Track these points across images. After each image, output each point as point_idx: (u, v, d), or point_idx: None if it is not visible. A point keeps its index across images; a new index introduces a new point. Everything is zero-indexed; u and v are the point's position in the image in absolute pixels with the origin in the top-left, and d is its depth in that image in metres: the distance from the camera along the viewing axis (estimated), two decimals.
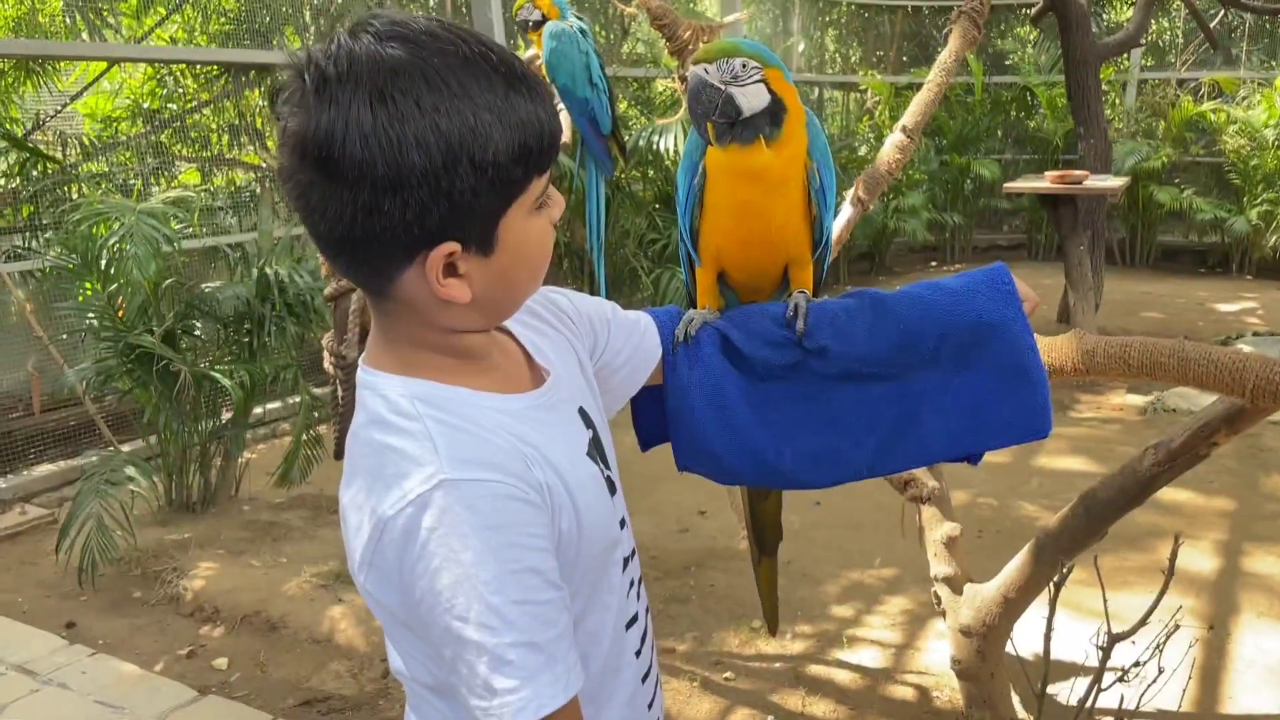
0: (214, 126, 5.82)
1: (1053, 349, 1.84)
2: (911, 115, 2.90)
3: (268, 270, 4.18)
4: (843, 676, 2.93)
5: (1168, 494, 4.18)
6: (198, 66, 5.53)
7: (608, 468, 0.97)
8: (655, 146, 6.56)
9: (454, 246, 0.78)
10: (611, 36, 7.70)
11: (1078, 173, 6.26)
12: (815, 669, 2.97)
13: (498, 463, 0.78)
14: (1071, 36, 6.76)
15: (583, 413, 0.97)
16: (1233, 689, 2.87)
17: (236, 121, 5.82)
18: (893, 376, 1.21)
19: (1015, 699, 2.68)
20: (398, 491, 0.76)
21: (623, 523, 0.98)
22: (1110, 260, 8.85)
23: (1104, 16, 10.41)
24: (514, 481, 0.78)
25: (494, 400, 0.86)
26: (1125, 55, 9.17)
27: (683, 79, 2.84)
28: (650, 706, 1.02)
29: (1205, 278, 9.19)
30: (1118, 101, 10.12)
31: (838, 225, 2.87)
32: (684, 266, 1.39)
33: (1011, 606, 2.56)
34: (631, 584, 1.00)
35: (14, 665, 2.96)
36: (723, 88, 1.17)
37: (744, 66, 1.17)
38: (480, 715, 0.75)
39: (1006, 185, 6.83)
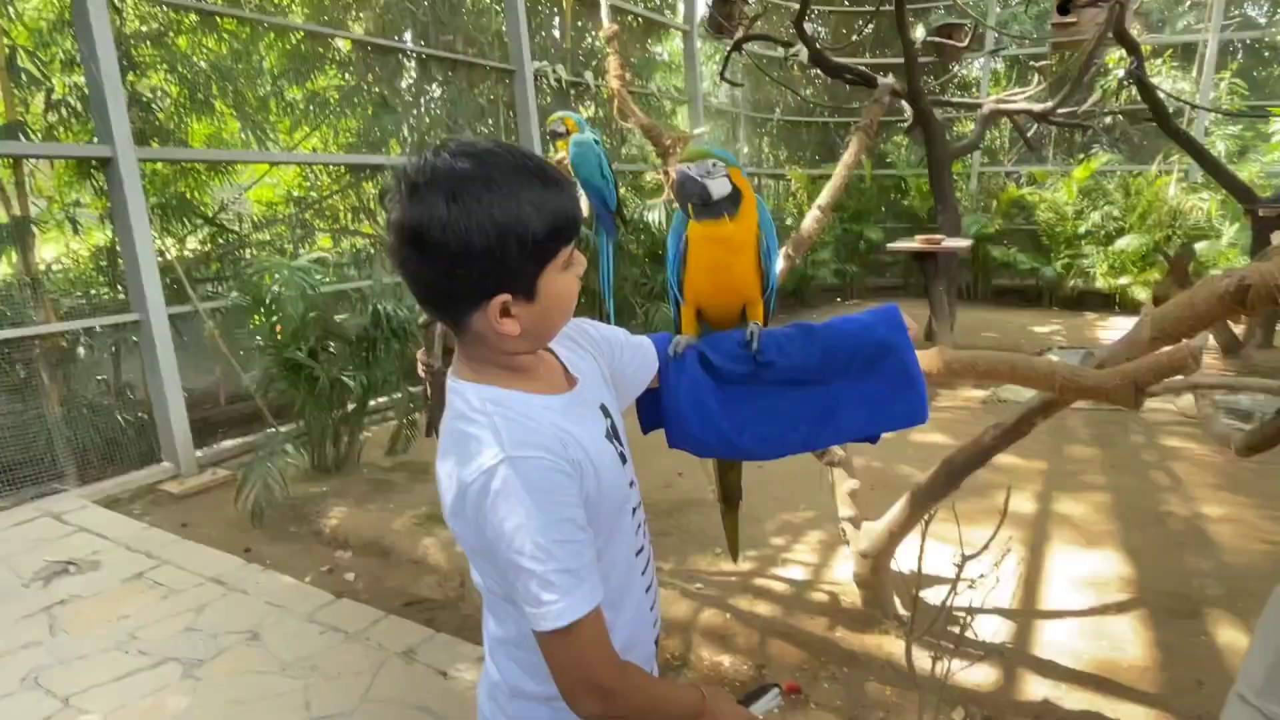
0: (341, 207, 5.86)
1: (924, 359, 1.85)
2: (824, 197, 2.94)
3: (379, 306, 4.20)
4: (778, 586, 2.95)
5: (1002, 459, 4.17)
6: (330, 166, 5.56)
7: (621, 445, 0.99)
8: (644, 219, 6.59)
9: (507, 297, 0.81)
10: (614, 143, 7.71)
11: (937, 236, 6.30)
12: (759, 581, 2.98)
13: (543, 444, 0.81)
14: (933, 143, 6.79)
15: (603, 408, 0.98)
16: (1046, 593, 2.89)
17: (356, 204, 5.85)
18: (818, 382, 1.23)
19: (896, 600, 2.70)
20: (474, 465, 0.79)
21: (631, 483, 1.00)
22: (961, 297, 8.87)
23: (954, 129, 10.47)
24: (554, 458, 0.80)
25: (541, 399, 0.88)
26: (969, 156, 9.23)
27: (666, 173, 2.86)
28: (651, 609, 1.04)
29: (1025, 309, 9.22)
30: (964, 187, 10.17)
31: (778, 270, 2.90)
32: (672, 305, 1.40)
33: (894, 538, 2.58)
34: (638, 526, 1.01)
35: (209, 578, 2.97)
36: (700, 180, 1.20)
37: (714, 165, 1.21)
38: (532, 619, 0.79)
39: (889, 245, 6.87)
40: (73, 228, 4.25)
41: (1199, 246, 7.75)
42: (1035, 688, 2.33)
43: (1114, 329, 7.78)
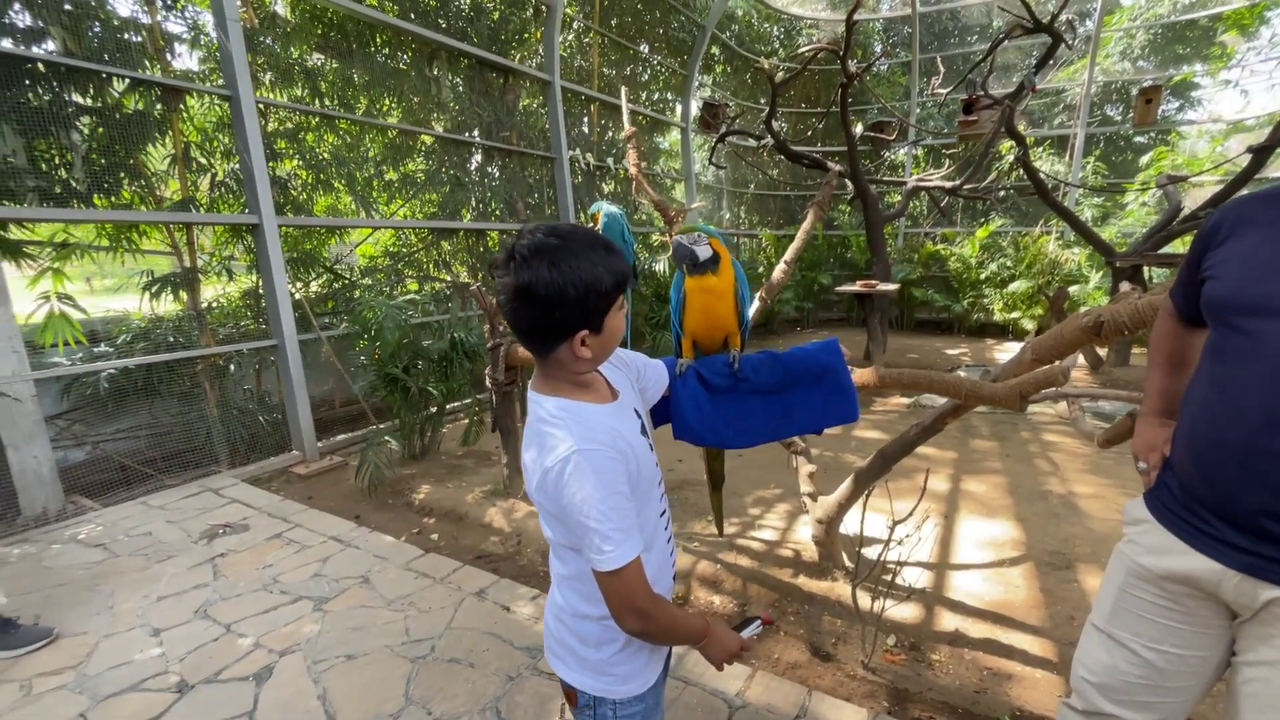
0: (425, 260, 5.95)
1: (863, 375, 1.93)
2: (789, 254, 3.01)
3: (454, 334, 4.27)
4: (755, 545, 2.98)
5: (923, 449, 4.20)
6: (417, 230, 5.66)
7: (649, 438, 1.06)
8: (652, 268, 6.67)
9: (586, 332, 0.89)
10: (629, 212, 7.80)
11: (873, 281, 6.35)
12: (741, 541, 3.02)
13: (602, 440, 0.89)
14: (869, 211, 6.87)
15: (635, 412, 1.04)
16: (958, 551, 2.92)
17: (436, 258, 5.94)
18: (780, 392, 1.32)
19: (844, 555, 2.74)
20: (555, 454, 0.87)
21: (657, 464, 1.07)
22: (891, 327, 8.90)
23: (885, 200, 10.56)
24: (610, 449, 0.88)
25: (597, 408, 0.95)
26: (897, 220, 9.30)
27: (670, 236, 2.94)
28: (670, 555, 1.10)
29: (939, 336, 9.22)
30: (893, 243, 10.22)
31: (752, 310, 2.97)
32: (674, 337, 1.48)
33: (841, 508, 2.62)
34: (662, 495, 1.08)
35: (330, 537, 3.01)
36: (690, 247, 1.30)
37: (698, 236, 1.32)
38: (595, 562, 0.88)
39: (837, 288, 6.94)
40: (228, 275, 4.35)
41: (1073, 289, 7.78)
42: (949, 621, 2.37)
43: (1007, 351, 7.80)
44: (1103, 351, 6.35)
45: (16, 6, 3.49)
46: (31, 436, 3.49)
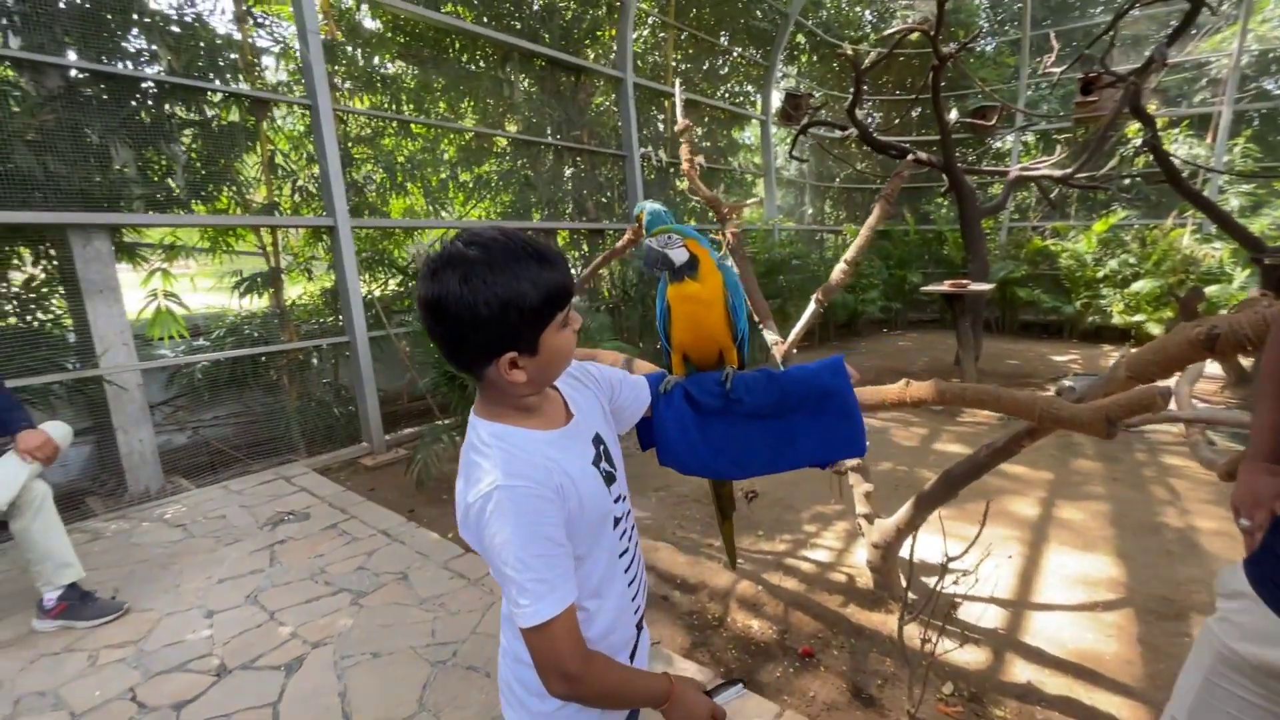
0: None
1: (919, 390, 1.72)
2: (851, 252, 2.77)
3: None
4: (805, 566, 2.78)
5: (1013, 469, 3.83)
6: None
7: (612, 467, 0.94)
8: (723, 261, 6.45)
9: (513, 354, 0.78)
10: (690, 208, 7.61)
11: (964, 281, 5.84)
12: (789, 560, 2.83)
13: (530, 475, 0.79)
14: (964, 203, 6.32)
15: (597, 437, 0.93)
16: (1040, 587, 2.59)
17: None
18: (778, 416, 1.15)
19: (904, 585, 2.49)
20: (476, 488, 0.79)
21: (619, 499, 0.94)
22: (987, 329, 8.20)
23: (987, 192, 9.74)
24: (536, 486, 0.78)
25: (538, 435, 0.84)
26: (1000, 213, 8.55)
27: (723, 234, 2.78)
28: (634, 599, 0.97)
29: (1046, 341, 8.39)
30: (996, 239, 9.41)
31: (805, 315, 2.76)
32: (664, 353, 1.33)
33: (901, 533, 2.40)
34: (624, 533, 0.95)
35: (380, 530, 3.10)
36: (660, 250, 1.16)
37: (669, 238, 1.17)
38: (514, 616, 0.78)
39: (922, 288, 6.42)
40: (308, 275, 4.62)
41: (1212, 289, 6.81)
42: (1021, 671, 2.08)
43: None
44: (1248, 362, 5.49)
45: (135, 31, 3.85)
46: (137, 422, 3.85)
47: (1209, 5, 4.91)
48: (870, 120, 10.25)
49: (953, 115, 7.09)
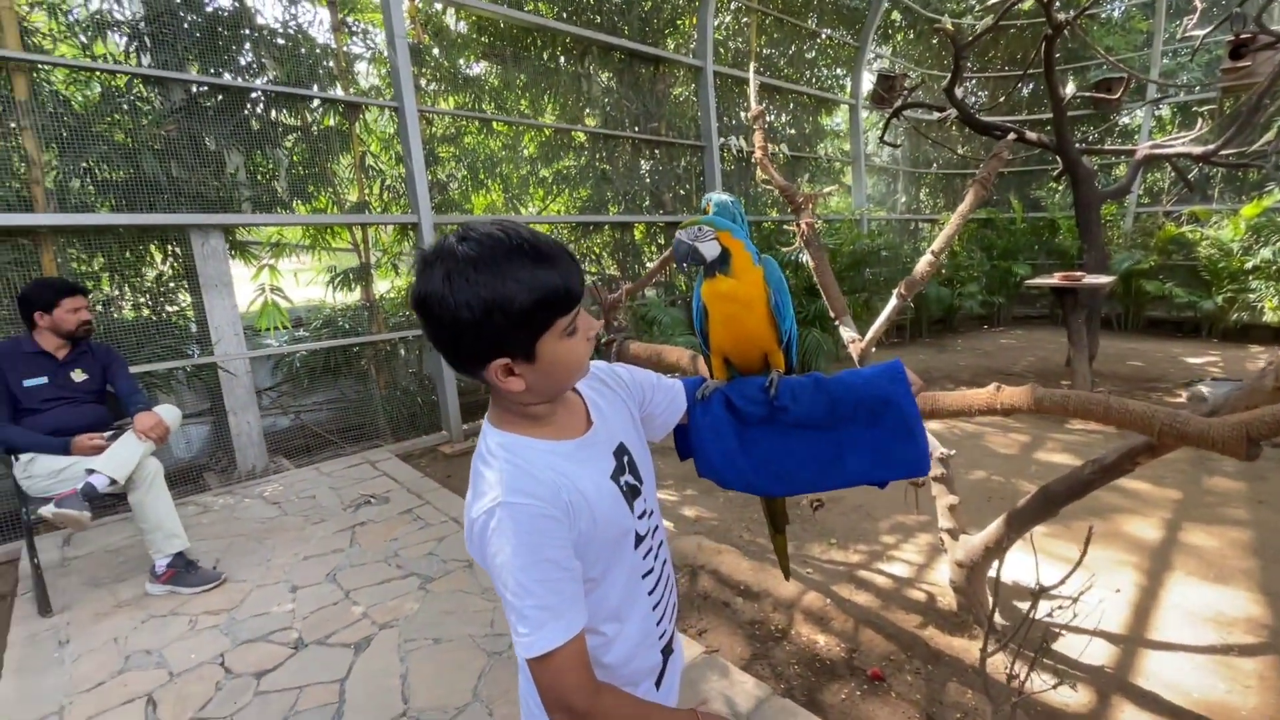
0: (575, 254, 6.10)
1: (1014, 395, 1.55)
2: (938, 243, 2.54)
3: None
4: (881, 580, 2.59)
5: (1133, 484, 3.43)
6: (567, 224, 5.83)
7: (636, 479, 0.86)
8: (797, 259, 6.21)
9: (506, 360, 0.72)
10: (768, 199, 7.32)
11: (1078, 273, 5.28)
12: (863, 573, 2.65)
13: (536, 491, 0.73)
14: (1080, 187, 5.72)
15: (620, 448, 0.86)
16: (1159, 623, 2.27)
17: (585, 252, 6.08)
18: (827, 428, 1.03)
19: (990, 605, 2.26)
20: (480, 503, 0.73)
21: (645, 514, 0.86)
22: (1106, 327, 7.44)
23: (1110, 174, 8.79)
24: (541, 505, 0.72)
25: (550, 445, 0.78)
26: (1125, 197, 7.69)
27: (797, 224, 2.62)
28: (659, 623, 0.90)
29: (1180, 340, 7.47)
30: (1119, 226, 8.48)
31: (886, 310, 2.56)
32: (703, 356, 1.24)
33: (989, 552, 2.18)
34: (649, 551, 0.88)
35: (452, 517, 3.18)
36: (690, 243, 1.05)
37: (700, 230, 1.06)
38: (515, 645, 0.72)
39: (1027, 281, 5.86)
40: (395, 269, 4.85)
41: None
42: (1131, 718, 1.83)
43: None
44: None
45: (246, 46, 4.17)
46: (245, 405, 4.20)
47: None
48: (973, 100, 9.51)
49: (1069, 89, 6.44)
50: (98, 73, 3.59)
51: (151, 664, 2.13)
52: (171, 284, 4.09)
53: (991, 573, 2.30)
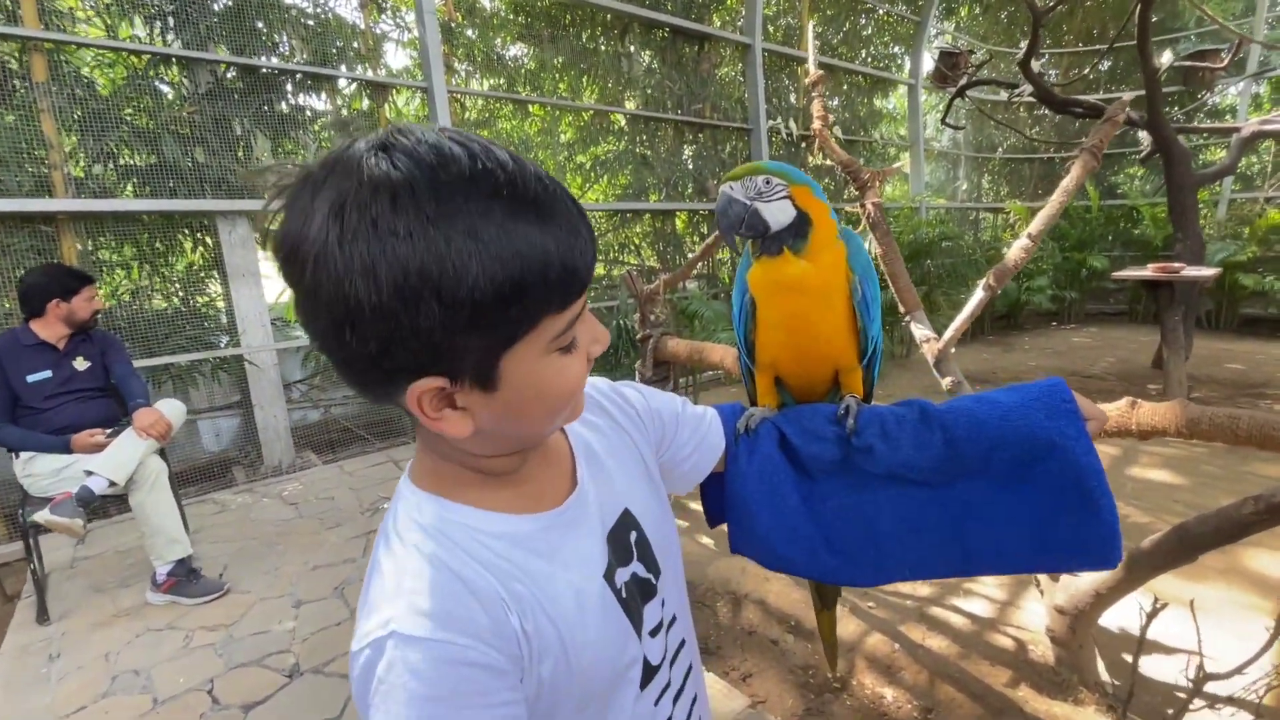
0: (613, 242, 5.81)
1: (1159, 414, 1.19)
2: (1036, 224, 2.12)
3: (621, 321, 4.05)
4: (957, 620, 2.20)
5: None
6: (604, 212, 5.53)
7: (649, 569, 0.54)
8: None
9: (439, 382, 0.41)
10: (825, 180, 6.87)
11: (1175, 264, 4.69)
12: (936, 610, 2.26)
13: (462, 618, 0.42)
14: (1174, 169, 5.10)
15: (625, 519, 0.53)
16: None
17: (624, 242, 5.80)
18: (937, 484, 0.65)
19: (1101, 667, 1.86)
20: (365, 625, 0.43)
21: (659, 628, 0.54)
22: (1199, 326, 6.70)
23: (1200, 157, 7.98)
24: (471, 644, 0.41)
25: (502, 523, 0.47)
26: (1218, 183, 6.93)
27: (862, 205, 2.24)
28: None
29: None
30: (1209, 214, 7.67)
31: (971, 303, 2.15)
32: (743, 370, 0.85)
33: (1101, 600, 1.78)
34: (664, 689, 0.54)
35: None
36: (749, 203, 0.67)
37: (767, 183, 0.67)
38: None
39: (1115, 274, 5.25)
40: None
41: None
42: None
43: None
44: None
45: (274, 26, 4.00)
46: (272, 399, 4.06)
47: None
48: (1045, 77, 8.77)
49: (1165, 58, 5.78)
50: (124, 54, 3.46)
51: (137, 688, 1.94)
52: (201, 273, 3.97)
53: (1115, 622, 1.90)
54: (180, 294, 3.92)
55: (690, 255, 5.86)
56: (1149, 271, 4.61)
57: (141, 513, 2.35)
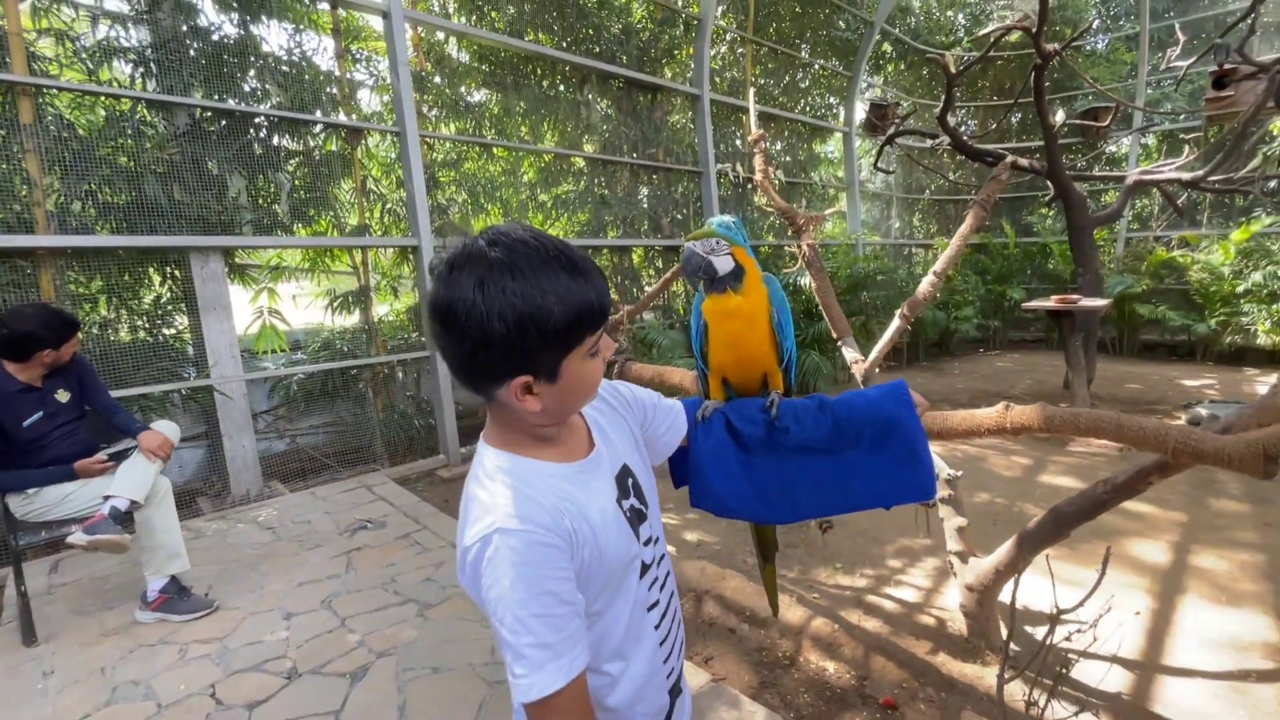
0: None
1: (1024, 414, 1.53)
2: (940, 264, 2.56)
3: None
4: (889, 605, 2.54)
5: (1136, 506, 3.38)
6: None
7: (642, 503, 0.82)
8: (798, 282, 6.24)
9: (528, 379, 0.68)
10: (768, 223, 7.39)
11: (1073, 296, 5.32)
12: (871, 598, 2.59)
13: (536, 518, 0.67)
14: (1073, 212, 5.78)
15: (624, 470, 0.82)
16: (1174, 649, 2.22)
17: None
18: (831, 451, 1.00)
19: (1003, 633, 2.21)
20: (474, 529, 0.67)
21: (651, 540, 0.82)
22: (1102, 350, 7.47)
23: (1100, 200, 8.93)
24: (543, 532, 0.67)
25: (552, 468, 0.74)
26: (1116, 222, 7.79)
27: (798, 246, 2.62)
28: (666, 660, 0.85)
29: (1175, 363, 7.50)
30: (1110, 251, 8.57)
31: (889, 331, 2.55)
32: (699, 375, 1.19)
33: (1000, 576, 2.15)
34: (654, 582, 0.83)
35: (449, 542, 3.11)
36: (705, 256, 1.02)
37: (717, 243, 1.03)
38: (511, 688, 0.66)
39: (1024, 304, 5.89)
40: (394, 292, 4.84)
41: None
42: None
43: None
44: None
45: (251, 74, 4.21)
46: (241, 429, 4.14)
47: None
48: (964, 127, 9.68)
49: (1059, 117, 6.56)
50: (102, 97, 3.61)
51: (139, 695, 2.05)
52: (169, 306, 4.06)
53: (1005, 597, 2.25)
54: (147, 327, 4.00)
55: (647, 287, 6.23)
56: (1052, 302, 5.21)
57: (148, 528, 2.46)
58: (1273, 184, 7.55)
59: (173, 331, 4.07)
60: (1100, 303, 5.19)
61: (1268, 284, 6.82)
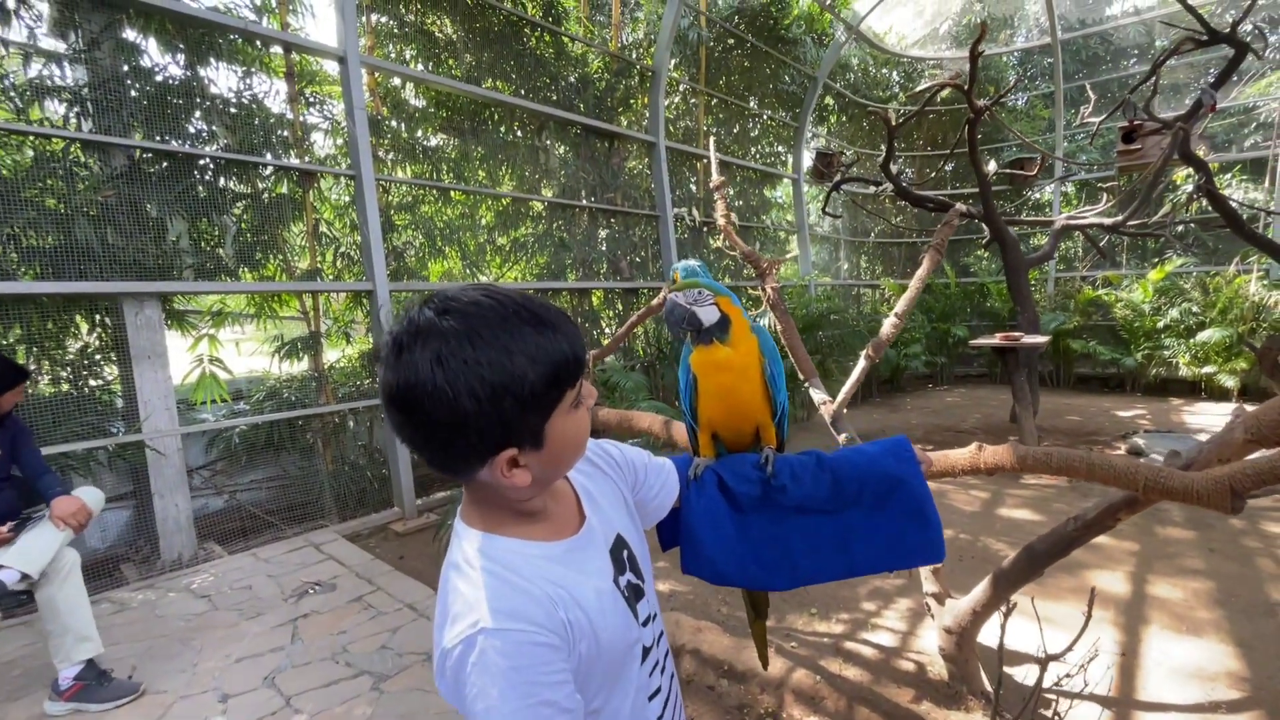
0: None
1: (996, 455, 1.52)
2: (900, 306, 2.59)
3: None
4: (867, 651, 2.48)
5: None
6: (527, 290, 5.76)
7: (638, 578, 0.75)
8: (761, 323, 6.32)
9: (513, 451, 0.61)
10: (730, 266, 7.56)
11: (1016, 334, 5.56)
12: (849, 644, 2.53)
13: (528, 614, 0.59)
14: (1008, 254, 6.10)
15: (618, 542, 0.74)
16: (1145, 683, 2.24)
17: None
18: (830, 511, 0.94)
19: (984, 677, 2.18)
20: (455, 629, 0.59)
21: (650, 619, 0.74)
22: (1043, 383, 7.83)
23: (1030, 242, 9.50)
24: (535, 630, 0.59)
25: (541, 549, 0.66)
26: (1046, 263, 8.27)
27: (763, 288, 2.63)
28: None
29: (1107, 395, 7.90)
30: (1042, 290, 9.08)
31: (856, 371, 2.57)
32: (688, 431, 1.13)
33: (978, 616, 2.11)
34: (655, 665, 0.75)
35: (406, 604, 2.91)
36: (688, 307, 0.97)
37: (700, 294, 0.98)
38: None
39: (971, 341, 6.12)
40: (347, 339, 4.65)
41: None
42: None
43: (1201, 414, 6.45)
44: None
45: (197, 115, 4.06)
46: (174, 487, 3.83)
47: (1255, 52, 4.74)
48: (903, 175, 10.21)
49: (991, 167, 6.99)
50: (31, 137, 3.40)
51: None
52: (97, 356, 3.78)
53: (989, 640, 2.23)
54: (70, 378, 3.70)
55: (608, 329, 6.20)
56: (997, 339, 5.42)
57: (50, 608, 2.20)
58: (1179, 228, 8.21)
59: (99, 383, 3.78)
60: (1041, 339, 5.43)
61: (1184, 320, 7.31)
